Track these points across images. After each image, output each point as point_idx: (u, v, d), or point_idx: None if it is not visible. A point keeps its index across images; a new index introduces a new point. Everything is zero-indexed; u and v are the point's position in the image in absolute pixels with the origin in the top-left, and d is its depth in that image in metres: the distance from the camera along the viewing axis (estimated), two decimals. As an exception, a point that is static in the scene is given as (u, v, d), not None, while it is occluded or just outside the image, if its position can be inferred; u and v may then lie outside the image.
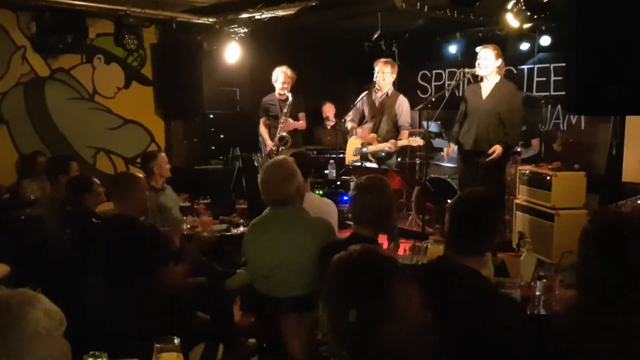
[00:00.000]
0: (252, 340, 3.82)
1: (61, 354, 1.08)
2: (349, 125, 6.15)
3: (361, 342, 1.32)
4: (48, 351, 1.04)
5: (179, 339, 1.83)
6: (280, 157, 3.19)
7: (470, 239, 2.04)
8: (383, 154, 5.82)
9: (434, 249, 3.04)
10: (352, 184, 2.86)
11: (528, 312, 2.61)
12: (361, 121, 6.13)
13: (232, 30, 6.74)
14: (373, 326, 1.31)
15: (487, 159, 5.19)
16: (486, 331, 1.82)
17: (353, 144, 6.17)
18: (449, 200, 2.25)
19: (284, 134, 6.35)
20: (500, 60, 5.28)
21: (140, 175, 3.47)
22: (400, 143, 5.67)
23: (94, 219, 3.77)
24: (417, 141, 5.64)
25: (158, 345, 1.80)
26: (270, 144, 6.43)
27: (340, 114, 6.69)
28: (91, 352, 1.85)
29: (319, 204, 3.32)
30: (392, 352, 1.32)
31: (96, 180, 3.98)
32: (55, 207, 4.19)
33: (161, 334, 1.87)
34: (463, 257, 2.03)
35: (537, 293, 2.70)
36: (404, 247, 3.57)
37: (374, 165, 5.72)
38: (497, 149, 5.18)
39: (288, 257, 2.90)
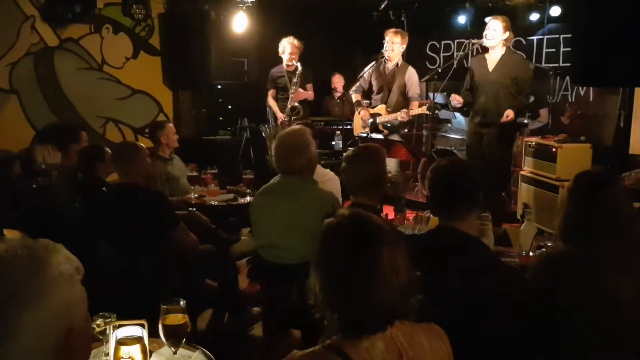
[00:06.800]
0: (256, 309, 3.90)
1: (81, 298, 1.16)
2: (353, 96, 6.14)
3: (348, 304, 1.35)
4: (71, 292, 1.12)
5: (184, 301, 1.90)
6: (297, 127, 3.16)
7: (458, 205, 2.08)
8: (389, 125, 5.83)
9: (436, 218, 3.08)
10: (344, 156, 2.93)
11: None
12: (367, 92, 6.12)
13: (239, -1, 6.70)
14: (358, 287, 1.34)
15: (502, 120, 5.18)
16: (484, 297, 1.87)
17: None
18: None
19: (296, 104, 6.34)
20: (508, 33, 5.22)
21: (142, 145, 3.51)
22: (413, 112, 5.69)
23: (103, 188, 3.84)
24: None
25: (164, 307, 1.87)
26: (281, 115, 6.40)
27: (349, 85, 6.67)
28: (100, 313, 1.94)
29: (320, 175, 3.33)
30: (380, 312, 1.35)
31: (108, 149, 4.03)
32: (66, 175, 4.26)
33: (171, 297, 1.92)
34: (456, 223, 2.07)
35: (536, 262, 2.74)
36: (410, 217, 3.62)
37: (380, 137, 5.75)
38: (510, 113, 5.15)
39: (294, 226, 2.91)
